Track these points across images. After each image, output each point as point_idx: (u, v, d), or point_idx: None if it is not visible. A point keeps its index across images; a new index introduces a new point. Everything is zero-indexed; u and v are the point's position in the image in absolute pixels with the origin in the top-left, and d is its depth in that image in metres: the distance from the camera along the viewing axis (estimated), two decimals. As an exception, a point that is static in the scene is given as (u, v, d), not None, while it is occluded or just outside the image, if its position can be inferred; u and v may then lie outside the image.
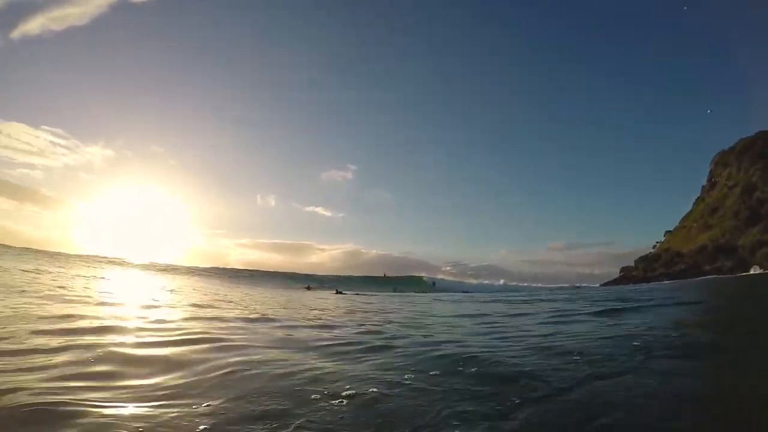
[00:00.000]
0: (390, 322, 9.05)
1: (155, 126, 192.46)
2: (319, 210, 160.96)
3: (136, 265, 57.43)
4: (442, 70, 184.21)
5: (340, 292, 32.69)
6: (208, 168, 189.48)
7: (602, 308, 10.95)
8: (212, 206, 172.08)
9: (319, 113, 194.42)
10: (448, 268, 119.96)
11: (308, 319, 8.95)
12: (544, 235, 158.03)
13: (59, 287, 12.57)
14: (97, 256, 65.50)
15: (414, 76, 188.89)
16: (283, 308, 12.04)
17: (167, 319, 7.29)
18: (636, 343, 5.13)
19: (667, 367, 4.01)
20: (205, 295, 16.81)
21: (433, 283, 54.80)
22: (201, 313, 8.94)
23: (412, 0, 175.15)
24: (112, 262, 59.58)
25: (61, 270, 24.58)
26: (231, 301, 13.52)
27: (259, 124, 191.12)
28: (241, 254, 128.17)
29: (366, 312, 12.17)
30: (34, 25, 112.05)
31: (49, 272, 20.69)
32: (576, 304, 14.26)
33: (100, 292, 12.54)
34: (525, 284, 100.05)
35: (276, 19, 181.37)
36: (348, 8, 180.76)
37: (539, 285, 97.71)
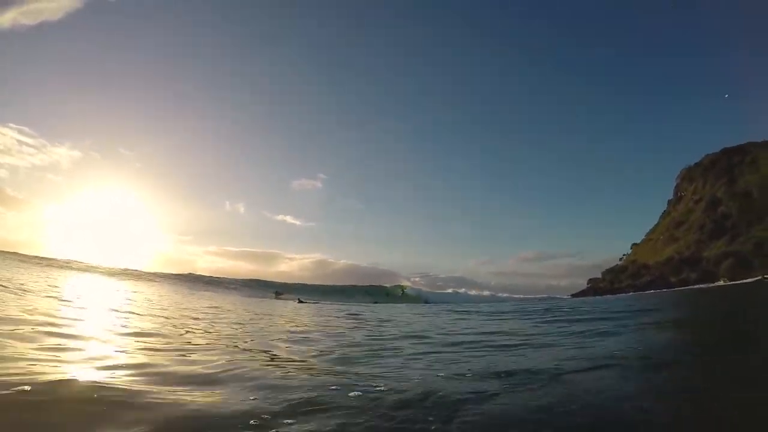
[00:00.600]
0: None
1: (124, 128, 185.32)
2: (289, 219, 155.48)
3: (101, 270, 52.97)
4: (414, 79, 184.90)
5: (303, 302, 31.97)
6: (177, 173, 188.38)
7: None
8: (180, 212, 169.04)
9: (290, 120, 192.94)
10: (417, 278, 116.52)
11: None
12: (513, 246, 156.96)
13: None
14: (56, 260, 63.03)
15: (385, 86, 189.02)
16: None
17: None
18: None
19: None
20: (164, 309, 13.06)
21: (402, 292, 51.83)
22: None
23: (383, 4, 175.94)
24: (67, 266, 56.12)
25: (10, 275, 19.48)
26: (197, 318, 10.85)
27: (229, 129, 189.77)
28: (209, 262, 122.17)
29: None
30: (5, 18, 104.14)
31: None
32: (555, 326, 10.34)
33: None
34: (489, 293, 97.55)
35: (248, 26, 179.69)
36: (318, 15, 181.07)
37: (506, 295, 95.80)
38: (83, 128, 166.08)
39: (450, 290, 57.36)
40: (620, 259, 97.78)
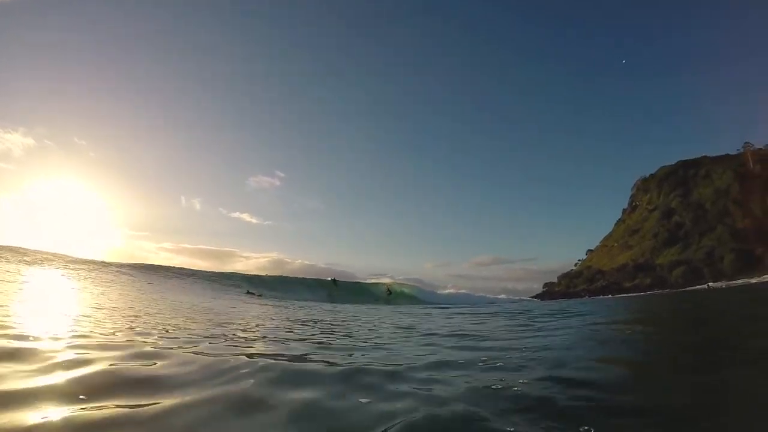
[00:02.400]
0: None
1: (79, 117, 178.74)
2: (245, 216, 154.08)
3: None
4: (375, 82, 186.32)
5: (252, 293, 30.15)
6: (133, 165, 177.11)
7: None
8: (135, 206, 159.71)
9: (248, 116, 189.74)
10: (373, 279, 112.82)
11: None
12: (469, 251, 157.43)
13: None
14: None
15: (346, 87, 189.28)
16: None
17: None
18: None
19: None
20: (114, 310, 8.96)
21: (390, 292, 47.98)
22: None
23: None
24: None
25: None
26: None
27: (186, 123, 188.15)
28: (163, 259, 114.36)
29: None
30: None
31: None
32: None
33: None
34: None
35: (211, 22, 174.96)
36: (279, 14, 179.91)
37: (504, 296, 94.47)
38: (37, 115, 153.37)
39: (450, 290, 51.45)
40: (575, 265, 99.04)
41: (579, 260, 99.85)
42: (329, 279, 48.31)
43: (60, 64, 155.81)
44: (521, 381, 3.00)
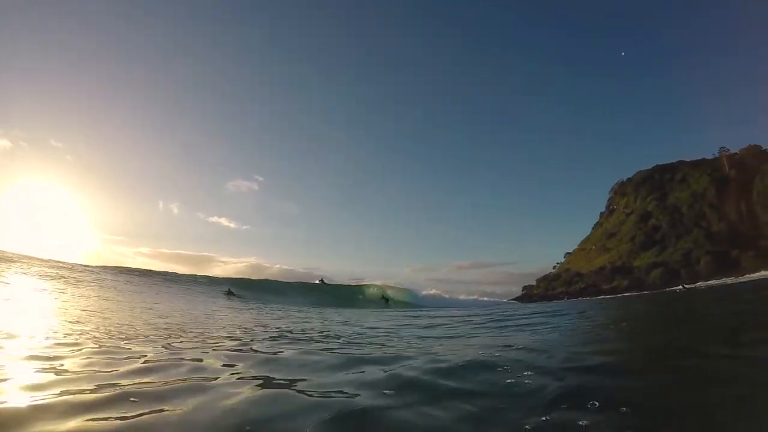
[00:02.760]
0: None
1: (56, 119, 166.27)
2: (223, 221, 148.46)
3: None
4: (353, 87, 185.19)
5: (232, 293, 28.79)
6: (109, 169, 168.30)
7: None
8: (111, 210, 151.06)
9: (227, 120, 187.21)
10: (352, 283, 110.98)
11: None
12: (449, 254, 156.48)
13: None
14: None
15: (322, 87, 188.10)
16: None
17: None
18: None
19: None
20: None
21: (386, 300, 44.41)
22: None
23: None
24: None
25: None
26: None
27: (164, 126, 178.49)
28: (140, 264, 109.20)
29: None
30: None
31: None
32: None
33: None
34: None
35: (189, 24, 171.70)
36: (254, 14, 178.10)
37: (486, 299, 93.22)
38: (13, 116, 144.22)
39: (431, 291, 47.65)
40: (553, 268, 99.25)
41: (557, 263, 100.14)
42: (317, 281, 44.74)
43: (37, 64, 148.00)
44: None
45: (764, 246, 58.16)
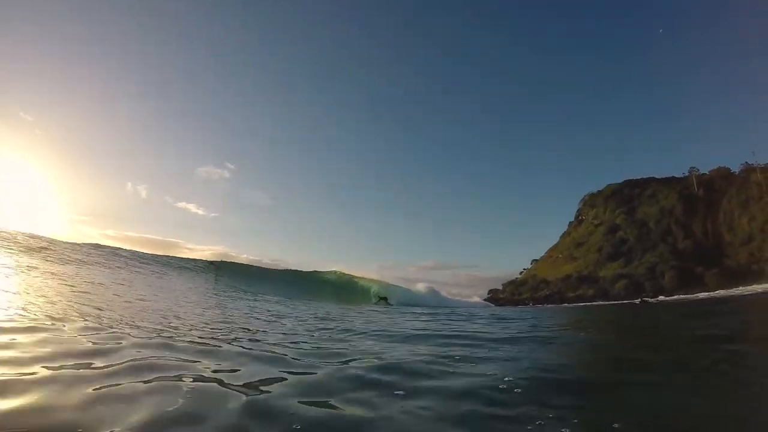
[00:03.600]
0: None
1: (26, 91, 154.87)
2: (192, 207, 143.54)
3: None
4: (330, 79, 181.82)
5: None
6: (79, 146, 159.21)
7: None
8: (78, 189, 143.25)
9: (200, 103, 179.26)
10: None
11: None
12: (415, 252, 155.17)
13: None
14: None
15: (299, 79, 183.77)
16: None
17: None
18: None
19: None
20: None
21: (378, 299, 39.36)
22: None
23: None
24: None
25: None
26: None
27: (137, 107, 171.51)
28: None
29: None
30: None
31: None
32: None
33: None
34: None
35: (164, 7, 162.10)
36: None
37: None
38: None
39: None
40: (520, 273, 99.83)
41: (524, 269, 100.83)
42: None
43: (8, 34, 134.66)
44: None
45: (728, 265, 59.76)
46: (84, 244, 23.51)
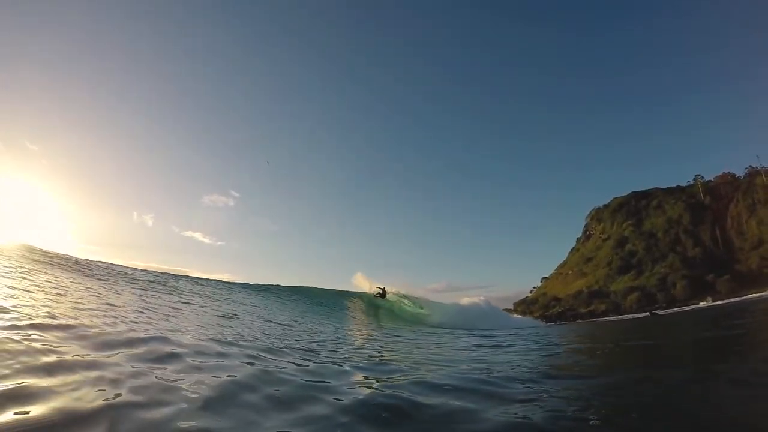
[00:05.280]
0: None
1: (33, 121, 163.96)
2: (198, 236, 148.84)
3: None
4: (332, 106, 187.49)
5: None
6: (85, 176, 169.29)
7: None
8: (85, 219, 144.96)
9: (205, 133, 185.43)
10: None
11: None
12: (425, 275, 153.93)
13: None
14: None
15: (302, 109, 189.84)
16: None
17: None
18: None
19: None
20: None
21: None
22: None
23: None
24: None
25: None
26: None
27: (141, 135, 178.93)
28: None
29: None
30: None
31: None
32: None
33: None
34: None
35: (171, 26, 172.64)
36: (232, 19, 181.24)
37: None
38: None
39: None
40: (530, 292, 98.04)
41: (534, 287, 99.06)
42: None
43: (16, 64, 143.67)
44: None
45: (739, 270, 58.16)
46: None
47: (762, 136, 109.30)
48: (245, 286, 18.15)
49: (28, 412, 2.03)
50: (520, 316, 44.23)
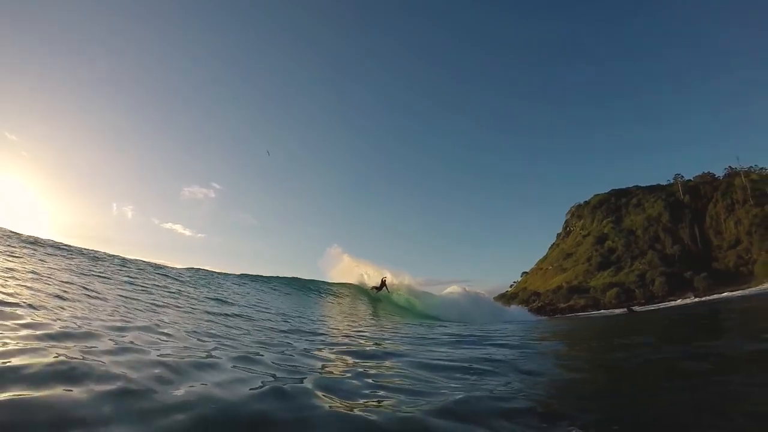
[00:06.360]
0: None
1: (13, 112, 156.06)
2: (178, 228, 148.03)
3: None
4: (314, 101, 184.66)
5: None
6: (65, 167, 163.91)
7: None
8: (64, 210, 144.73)
9: (187, 123, 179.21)
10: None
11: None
12: (405, 270, 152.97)
13: None
14: None
15: (284, 105, 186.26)
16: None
17: None
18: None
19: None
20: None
21: None
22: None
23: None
24: None
25: None
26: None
27: (122, 126, 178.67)
28: None
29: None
30: None
31: None
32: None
33: None
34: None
35: (150, 20, 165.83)
36: (217, 13, 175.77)
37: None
38: None
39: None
40: (510, 286, 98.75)
41: (514, 282, 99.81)
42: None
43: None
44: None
45: (716, 268, 59.27)
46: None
47: (742, 137, 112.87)
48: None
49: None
50: (516, 306, 43.79)
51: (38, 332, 3.08)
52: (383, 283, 21.79)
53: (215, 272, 16.69)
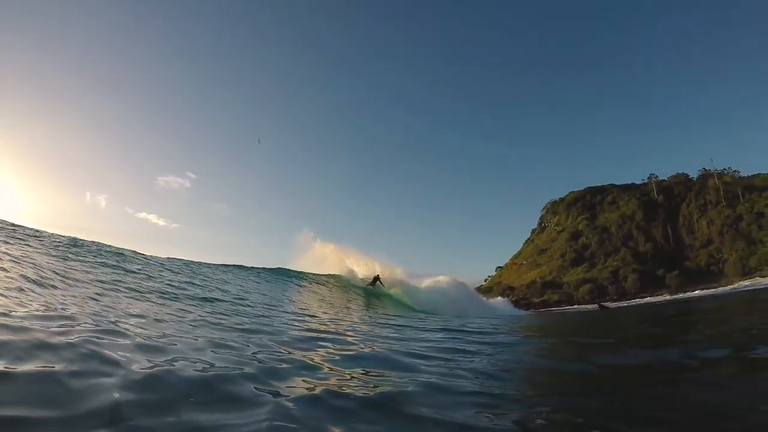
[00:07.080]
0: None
1: None
2: (152, 218, 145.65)
3: None
4: (295, 96, 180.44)
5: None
6: (38, 154, 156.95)
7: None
8: (36, 198, 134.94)
9: (162, 112, 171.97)
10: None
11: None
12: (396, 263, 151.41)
13: None
14: None
15: (265, 90, 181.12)
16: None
17: None
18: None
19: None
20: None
21: None
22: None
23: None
24: None
25: None
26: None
27: (96, 114, 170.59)
28: None
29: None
30: None
31: None
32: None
33: None
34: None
35: (124, 8, 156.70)
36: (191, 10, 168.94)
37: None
38: None
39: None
40: (485, 281, 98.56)
41: (488, 276, 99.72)
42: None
43: None
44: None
45: (688, 267, 60.23)
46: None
47: (716, 139, 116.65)
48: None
49: None
50: (500, 298, 43.07)
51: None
52: (376, 278, 21.78)
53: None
